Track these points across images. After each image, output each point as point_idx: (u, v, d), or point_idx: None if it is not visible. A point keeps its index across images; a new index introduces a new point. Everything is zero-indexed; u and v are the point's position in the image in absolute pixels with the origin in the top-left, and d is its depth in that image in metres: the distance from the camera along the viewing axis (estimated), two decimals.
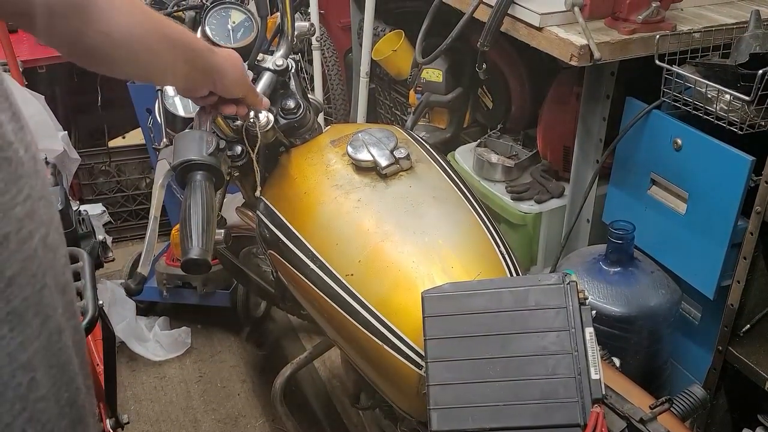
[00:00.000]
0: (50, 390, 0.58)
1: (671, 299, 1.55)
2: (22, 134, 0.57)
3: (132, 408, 2.15)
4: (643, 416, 0.94)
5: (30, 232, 0.55)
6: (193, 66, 1.00)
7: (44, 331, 0.57)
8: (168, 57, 0.94)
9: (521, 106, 2.13)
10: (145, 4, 0.94)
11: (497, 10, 1.62)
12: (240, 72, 1.11)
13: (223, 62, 1.05)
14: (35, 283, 0.56)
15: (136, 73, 0.95)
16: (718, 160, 1.45)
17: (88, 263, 1.21)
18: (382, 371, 1.13)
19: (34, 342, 0.56)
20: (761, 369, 1.44)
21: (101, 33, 0.79)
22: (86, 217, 1.70)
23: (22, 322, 0.54)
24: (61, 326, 0.60)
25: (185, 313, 2.45)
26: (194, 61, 1.00)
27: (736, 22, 1.59)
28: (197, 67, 1.01)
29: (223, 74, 1.06)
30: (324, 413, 2.10)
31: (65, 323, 0.61)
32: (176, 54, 0.95)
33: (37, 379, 0.56)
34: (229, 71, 1.07)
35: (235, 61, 1.09)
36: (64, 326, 0.61)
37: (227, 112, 1.16)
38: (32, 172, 0.57)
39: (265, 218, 1.32)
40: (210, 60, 1.03)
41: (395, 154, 1.23)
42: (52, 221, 0.60)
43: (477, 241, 1.17)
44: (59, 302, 0.60)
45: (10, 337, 0.53)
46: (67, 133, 2.33)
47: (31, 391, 0.56)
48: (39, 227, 0.57)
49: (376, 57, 2.46)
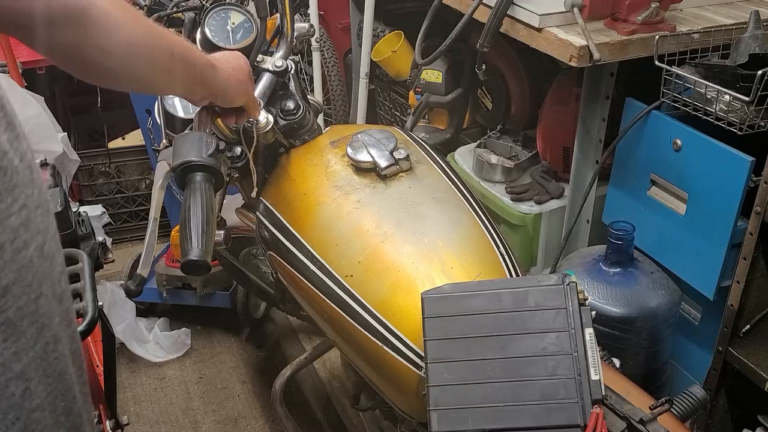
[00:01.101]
0: (45, 400, 0.58)
1: (671, 300, 1.55)
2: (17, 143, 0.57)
3: (132, 409, 2.15)
4: (643, 417, 0.94)
5: (25, 242, 0.55)
6: (194, 82, 0.99)
7: (40, 341, 0.57)
8: (168, 73, 0.93)
9: (521, 106, 2.13)
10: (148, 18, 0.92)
11: (497, 10, 1.62)
12: (243, 84, 1.09)
13: (226, 79, 1.04)
14: (31, 292, 0.56)
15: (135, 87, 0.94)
16: (717, 160, 1.45)
17: (87, 264, 1.20)
18: (381, 372, 1.13)
19: (29, 352, 0.56)
20: (761, 369, 1.44)
21: (99, 48, 0.78)
22: (86, 218, 1.70)
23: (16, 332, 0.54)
24: (58, 335, 0.60)
25: (185, 315, 2.45)
26: (196, 77, 0.99)
27: (736, 23, 1.59)
28: (198, 82, 1.00)
29: (224, 90, 1.05)
30: (324, 414, 2.10)
31: (62, 332, 0.61)
32: (177, 70, 0.94)
33: (31, 389, 0.56)
34: (232, 87, 1.06)
35: (239, 74, 1.08)
36: (60, 335, 0.60)
37: (226, 122, 1.15)
38: (28, 182, 0.57)
39: (264, 219, 1.32)
40: (212, 76, 1.01)
41: (395, 155, 1.23)
42: (49, 230, 0.60)
43: (477, 242, 1.17)
44: (56, 311, 0.60)
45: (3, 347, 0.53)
46: (67, 135, 2.33)
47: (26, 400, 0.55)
48: (35, 236, 0.57)
49: (375, 58, 2.46)
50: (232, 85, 1.05)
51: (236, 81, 1.06)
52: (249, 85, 1.12)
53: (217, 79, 1.02)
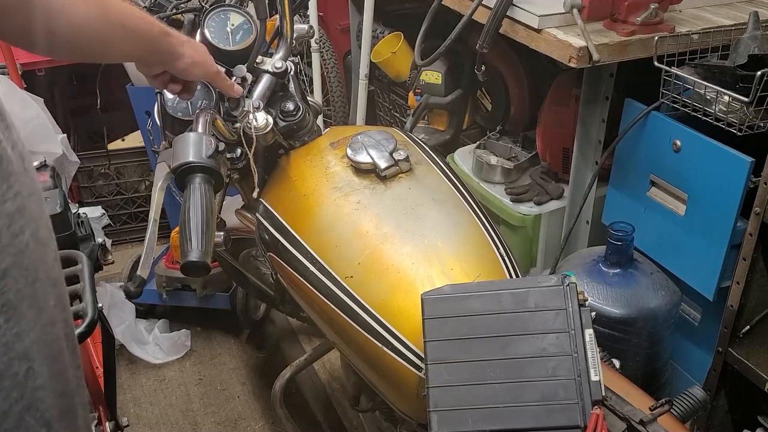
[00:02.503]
0: (47, 380, 0.59)
1: (671, 300, 1.55)
2: (8, 133, 0.58)
3: (131, 411, 2.15)
4: (643, 418, 0.94)
5: (21, 227, 0.57)
6: (148, 50, 1.05)
7: (38, 323, 0.58)
8: (121, 45, 0.99)
9: (520, 107, 2.13)
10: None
11: (496, 11, 1.62)
12: (200, 55, 1.13)
13: (179, 46, 1.09)
14: (28, 276, 0.57)
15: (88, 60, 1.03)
16: (717, 161, 1.45)
17: (87, 266, 1.20)
18: (381, 373, 1.13)
19: (30, 333, 0.57)
20: (761, 370, 1.44)
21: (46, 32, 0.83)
22: (85, 219, 1.70)
23: (17, 314, 0.55)
24: (54, 318, 0.61)
25: (185, 316, 2.45)
26: (151, 46, 1.05)
27: (735, 24, 1.59)
28: (153, 50, 1.06)
29: (177, 56, 1.09)
30: (324, 415, 2.10)
31: (57, 315, 0.62)
32: (129, 41, 1.00)
33: (34, 369, 0.57)
34: (187, 54, 1.10)
35: (195, 45, 1.13)
36: (56, 318, 0.62)
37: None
38: (21, 170, 0.58)
39: (264, 221, 1.32)
40: (167, 44, 1.07)
41: (394, 156, 1.23)
42: (42, 217, 0.61)
43: (476, 242, 1.17)
44: (51, 295, 0.61)
45: (6, 327, 0.54)
46: (66, 136, 2.33)
47: (29, 379, 0.57)
48: (29, 223, 0.58)
49: (375, 59, 2.46)
50: (187, 53, 1.10)
51: (192, 50, 1.11)
52: (207, 58, 1.16)
53: (172, 46, 1.08)
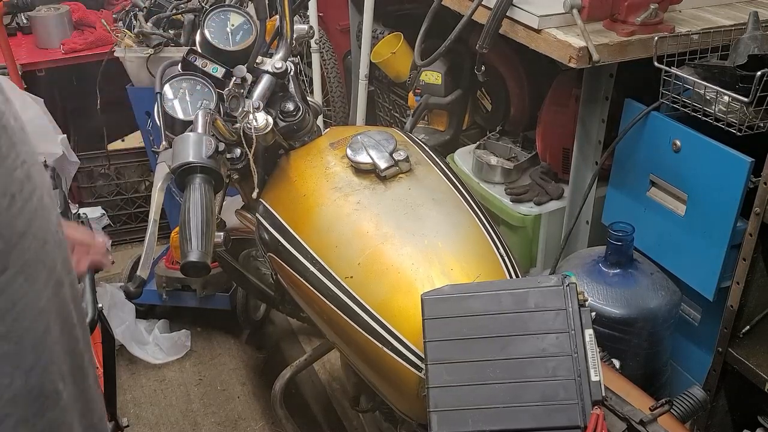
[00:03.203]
0: (60, 336, 0.63)
1: (671, 301, 1.54)
2: (8, 105, 0.60)
3: (131, 411, 2.15)
4: (643, 418, 0.94)
5: (30, 193, 0.60)
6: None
7: (50, 283, 0.62)
8: None
9: (520, 108, 2.13)
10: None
11: (496, 12, 1.62)
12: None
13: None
14: (38, 238, 0.60)
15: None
16: (717, 161, 1.45)
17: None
18: (382, 374, 1.13)
19: (45, 291, 0.61)
20: (761, 370, 1.44)
21: None
22: (85, 220, 1.70)
23: (33, 273, 0.59)
24: (61, 279, 0.65)
25: (185, 316, 2.45)
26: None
27: (735, 24, 1.59)
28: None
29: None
30: (324, 416, 2.10)
31: (64, 276, 0.65)
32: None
33: (50, 326, 0.61)
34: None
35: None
36: (63, 279, 0.65)
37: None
38: (24, 140, 0.61)
39: (264, 221, 1.32)
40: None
41: (394, 156, 1.23)
42: (45, 184, 0.64)
43: (476, 243, 1.17)
44: (58, 257, 0.64)
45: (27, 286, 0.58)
46: (66, 137, 2.33)
47: (48, 335, 0.61)
48: (35, 189, 0.61)
49: (375, 59, 2.47)
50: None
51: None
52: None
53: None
